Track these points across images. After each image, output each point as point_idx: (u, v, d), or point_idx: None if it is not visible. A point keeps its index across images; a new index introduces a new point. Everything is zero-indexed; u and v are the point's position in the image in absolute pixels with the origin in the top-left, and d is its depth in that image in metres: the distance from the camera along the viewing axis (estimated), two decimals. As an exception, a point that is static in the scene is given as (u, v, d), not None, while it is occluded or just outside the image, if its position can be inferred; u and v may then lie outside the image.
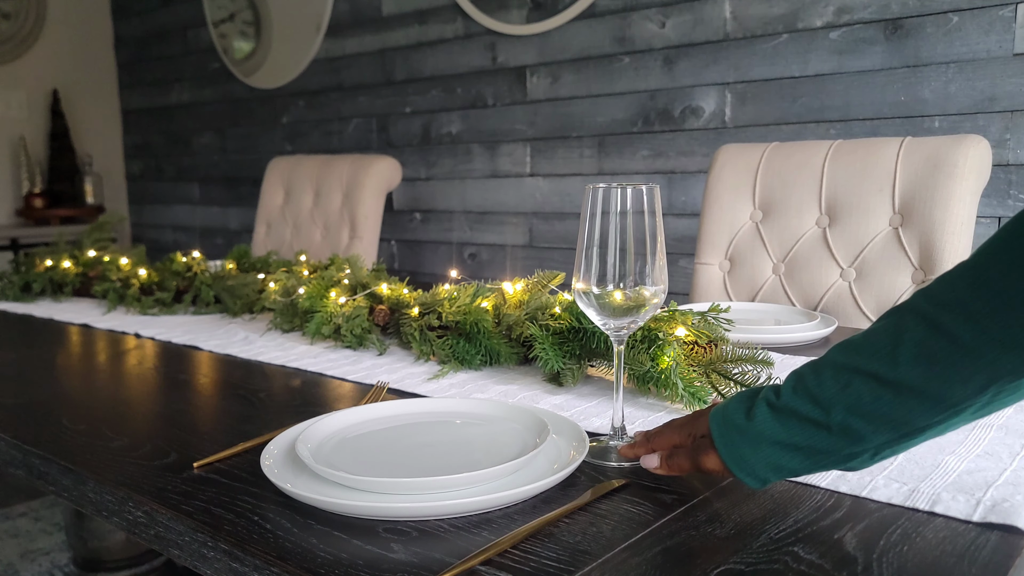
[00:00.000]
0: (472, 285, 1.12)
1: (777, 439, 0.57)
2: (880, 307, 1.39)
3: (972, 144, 1.35)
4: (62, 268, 1.69)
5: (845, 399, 0.54)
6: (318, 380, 1.01)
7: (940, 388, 0.51)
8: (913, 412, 0.52)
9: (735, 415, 0.59)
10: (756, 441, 0.58)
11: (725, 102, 2.04)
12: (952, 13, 1.70)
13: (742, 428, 0.59)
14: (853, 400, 0.54)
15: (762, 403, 0.58)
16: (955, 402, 0.51)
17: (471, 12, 2.49)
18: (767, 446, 0.57)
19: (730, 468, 0.59)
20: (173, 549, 0.62)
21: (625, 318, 0.70)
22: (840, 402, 0.54)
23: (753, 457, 0.58)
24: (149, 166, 3.88)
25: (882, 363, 0.53)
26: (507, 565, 0.52)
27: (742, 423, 0.59)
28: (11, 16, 3.60)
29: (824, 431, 0.55)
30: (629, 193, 0.67)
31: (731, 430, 0.59)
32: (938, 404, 0.52)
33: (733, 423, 0.59)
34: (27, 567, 1.91)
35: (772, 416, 0.57)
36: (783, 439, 0.57)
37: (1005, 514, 0.57)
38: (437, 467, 0.68)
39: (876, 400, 0.53)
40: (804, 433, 0.56)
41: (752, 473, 0.58)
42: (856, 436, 0.54)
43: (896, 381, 0.52)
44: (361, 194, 2.32)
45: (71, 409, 0.90)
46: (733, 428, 0.59)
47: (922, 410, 0.52)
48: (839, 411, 0.54)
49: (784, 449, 0.57)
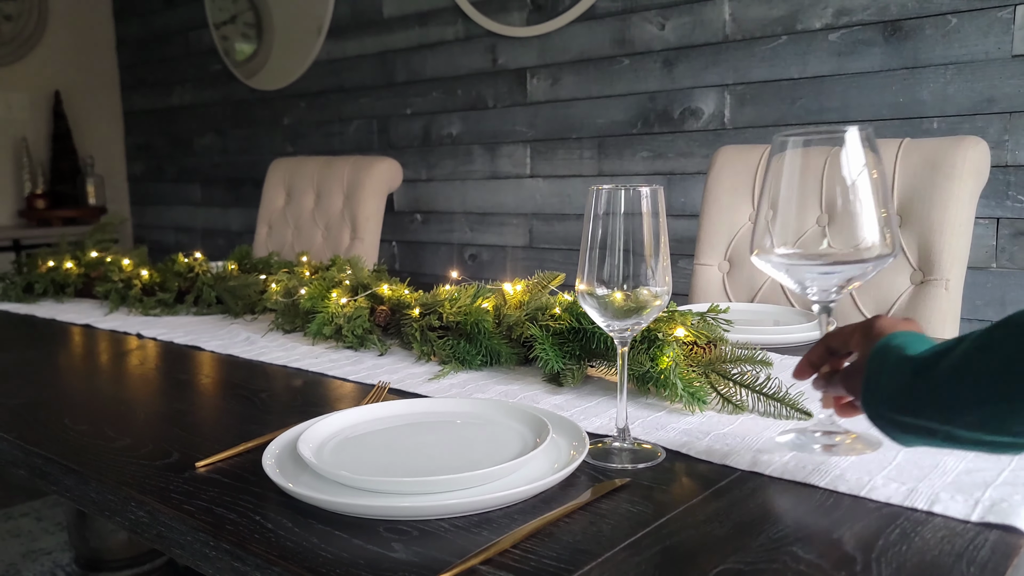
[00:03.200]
0: (472, 286, 1.12)
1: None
2: (878, 308, 1.40)
3: (970, 145, 1.36)
4: (64, 269, 1.70)
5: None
6: (319, 380, 1.01)
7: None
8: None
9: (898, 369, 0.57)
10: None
11: (724, 104, 2.05)
12: (951, 15, 1.70)
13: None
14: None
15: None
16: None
17: (471, 14, 2.49)
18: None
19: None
20: (175, 549, 0.63)
21: (628, 319, 0.70)
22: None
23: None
24: (151, 167, 3.88)
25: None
26: (507, 564, 0.53)
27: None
28: (13, 18, 3.60)
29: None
30: (633, 194, 0.68)
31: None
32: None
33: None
34: (29, 567, 1.92)
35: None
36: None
37: (1003, 514, 0.57)
38: (438, 467, 0.68)
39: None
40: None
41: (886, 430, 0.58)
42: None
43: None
44: (362, 195, 2.33)
45: (73, 409, 0.91)
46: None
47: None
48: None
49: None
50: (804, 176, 0.66)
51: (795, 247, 0.67)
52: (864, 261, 0.65)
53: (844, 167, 0.65)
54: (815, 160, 0.66)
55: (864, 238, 0.65)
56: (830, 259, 0.66)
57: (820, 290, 0.67)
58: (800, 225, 0.67)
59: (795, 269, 0.66)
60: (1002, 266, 1.70)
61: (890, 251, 0.65)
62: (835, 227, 0.65)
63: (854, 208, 0.64)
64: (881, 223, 0.65)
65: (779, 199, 0.67)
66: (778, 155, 0.67)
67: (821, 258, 0.66)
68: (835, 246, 0.65)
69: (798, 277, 0.67)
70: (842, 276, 0.66)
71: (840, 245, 0.66)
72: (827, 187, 0.65)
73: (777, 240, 0.67)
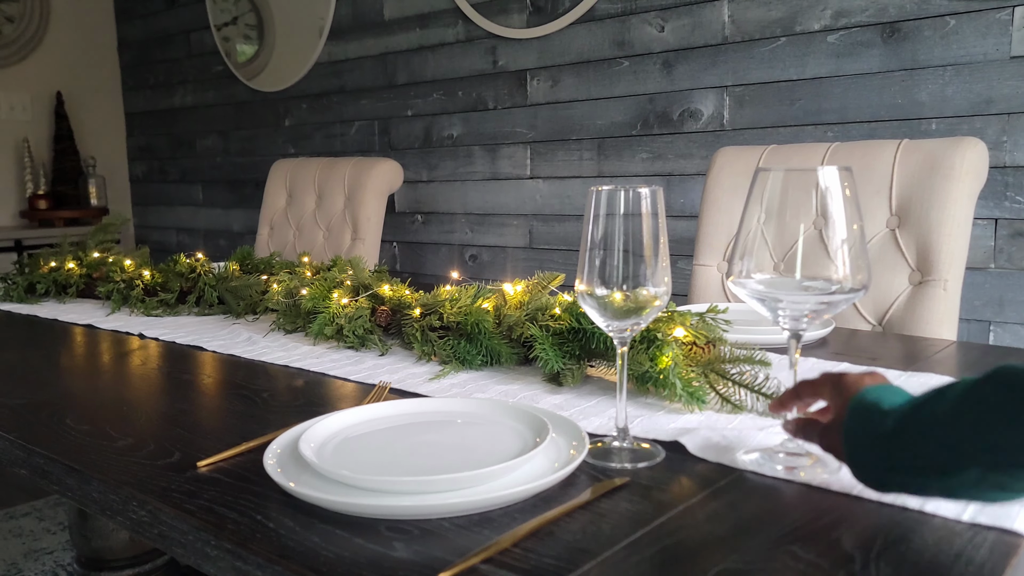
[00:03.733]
0: (473, 286, 1.12)
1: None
2: (877, 308, 1.40)
3: (969, 146, 1.36)
4: (66, 269, 1.70)
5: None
6: (321, 380, 1.02)
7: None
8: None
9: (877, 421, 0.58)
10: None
11: (723, 105, 2.05)
12: (949, 16, 1.70)
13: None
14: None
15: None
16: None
17: (472, 16, 2.50)
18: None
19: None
20: (176, 548, 0.63)
21: (628, 320, 0.70)
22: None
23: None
24: (153, 168, 3.89)
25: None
26: (508, 563, 0.53)
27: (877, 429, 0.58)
28: (15, 19, 3.61)
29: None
30: (632, 195, 0.68)
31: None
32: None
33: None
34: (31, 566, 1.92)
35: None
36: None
37: (995, 516, 0.58)
38: (438, 466, 0.68)
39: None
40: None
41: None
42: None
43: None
44: (363, 196, 2.33)
45: (75, 409, 0.91)
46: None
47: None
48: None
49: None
50: (782, 208, 0.67)
51: (770, 275, 0.69)
52: (834, 294, 0.67)
53: (820, 202, 0.66)
54: (793, 193, 0.67)
55: (836, 272, 0.66)
56: (802, 290, 0.67)
57: (791, 319, 0.69)
58: (776, 254, 0.68)
59: (768, 298, 0.68)
60: (1000, 267, 1.70)
61: (861, 286, 0.66)
62: (808, 259, 0.66)
63: (830, 243, 0.66)
64: (854, 258, 0.66)
65: (756, 228, 0.68)
66: (758, 185, 0.69)
67: (793, 288, 0.67)
68: (808, 277, 0.67)
69: (770, 305, 0.69)
70: (812, 307, 0.67)
71: (813, 277, 0.67)
72: (804, 219, 0.66)
73: (753, 267, 0.69)
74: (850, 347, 1.14)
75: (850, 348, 1.13)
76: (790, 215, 0.67)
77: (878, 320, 1.40)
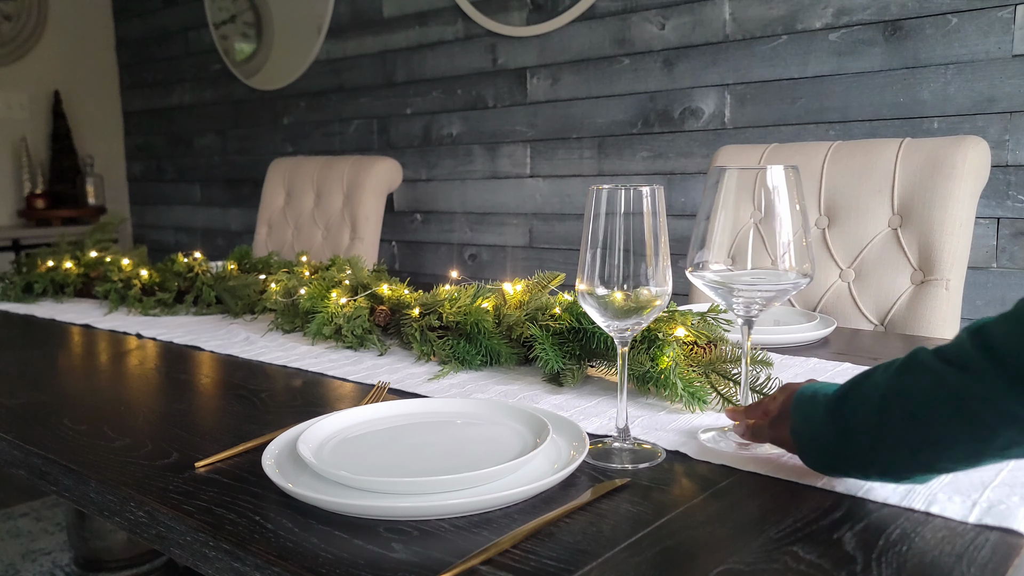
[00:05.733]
0: (472, 286, 1.12)
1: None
2: (879, 308, 1.40)
3: (971, 145, 1.36)
4: (64, 269, 1.69)
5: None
6: (319, 380, 1.01)
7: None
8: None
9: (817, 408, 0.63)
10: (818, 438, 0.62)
11: (724, 103, 2.05)
12: (951, 14, 1.70)
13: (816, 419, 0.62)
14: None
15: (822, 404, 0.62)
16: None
17: (471, 14, 2.49)
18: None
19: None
20: (174, 549, 0.62)
21: (629, 319, 0.70)
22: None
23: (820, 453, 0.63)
24: (150, 167, 3.88)
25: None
26: (507, 565, 0.52)
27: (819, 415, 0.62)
28: (13, 18, 3.60)
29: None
30: (633, 194, 0.68)
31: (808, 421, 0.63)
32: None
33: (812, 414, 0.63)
34: (28, 567, 1.92)
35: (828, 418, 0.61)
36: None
37: (1001, 516, 0.57)
38: (438, 467, 0.68)
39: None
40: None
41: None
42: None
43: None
44: (362, 195, 2.33)
45: (73, 409, 0.91)
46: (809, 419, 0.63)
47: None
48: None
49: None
50: (736, 204, 0.73)
51: (725, 266, 0.75)
52: (781, 283, 0.73)
53: (769, 198, 0.73)
54: (745, 190, 0.73)
55: (783, 263, 0.73)
56: (752, 280, 0.74)
57: (743, 306, 0.74)
58: (729, 247, 0.75)
59: (722, 288, 0.74)
60: (1002, 266, 1.70)
61: (806, 275, 0.73)
62: (758, 251, 0.73)
63: (778, 236, 0.73)
64: (799, 250, 0.73)
65: (714, 223, 0.74)
66: (714, 184, 0.74)
67: (745, 278, 0.74)
68: (758, 268, 0.74)
69: (723, 295, 0.75)
70: (762, 295, 0.73)
71: (762, 267, 0.74)
72: (754, 215, 0.73)
73: (710, 259, 0.75)
74: (852, 347, 1.14)
75: (852, 348, 1.13)
76: (742, 211, 0.73)
77: (880, 320, 1.40)
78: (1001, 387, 0.50)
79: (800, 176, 0.74)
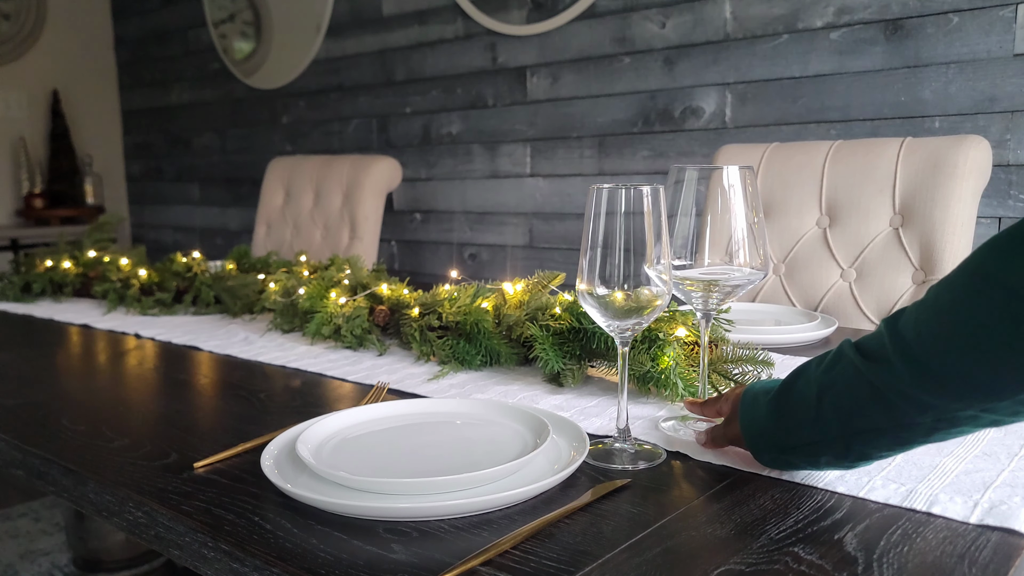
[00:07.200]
0: (472, 285, 1.12)
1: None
2: (880, 307, 1.39)
3: (972, 144, 1.35)
4: (62, 268, 1.69)
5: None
6: (318, 380, 1.01)
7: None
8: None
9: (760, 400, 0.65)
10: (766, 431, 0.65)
11: (725, 102, 2.04)
12: (952, 13, 1.70)
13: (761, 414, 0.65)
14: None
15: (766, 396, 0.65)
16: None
17: (471, 12, 2.49)
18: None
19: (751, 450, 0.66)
20: (173, 549, 0.62)
21: (629, 319, 0.70)
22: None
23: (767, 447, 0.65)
24: (149, 166, 3.88)
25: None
26: (507, 565, 0.52)
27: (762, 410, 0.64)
28: (11, 16, 3.60)
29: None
30: (634, 193, 0.67)
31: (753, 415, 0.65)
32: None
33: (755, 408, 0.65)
34: (27, 567, 1.91)
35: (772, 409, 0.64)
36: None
37: (1002, 517, 0.57)
38: (437, 467, 0.68)
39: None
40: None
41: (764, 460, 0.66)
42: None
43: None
44: (361, 194, 2.32)
45: (71, 410, 0.90)
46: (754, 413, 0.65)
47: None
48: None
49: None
50: (696, 202, 0.76)
51: (684, 262, 0.78)
52: (736, 278, 0.77)
53: (725, 196, 0.76)
54: (703, 189, 0.77)
55: (738, 258, 0.76)
56: (710, 275, 0.77)
57: (701, 300, 0.78)
58: (689, 244, 0.78)
59: (680, 283, 0.77)
60: (1003, 265, 1.69)
61: (760, 270, 0.77)
62: (715, 247, 0.77)
63: (733, 233, 0.76)
64: (752, 246, 0.76)
65: (674, 222, 0.77)
66: (674, 185, 0.77)
67: (703, 273, 0.77)
68: (715, 263, 0.77)
69: (682, 289, 0.78)
70: (719, 289, 0.77)
71: (719, 263, 0.77)
72: (712, 212, 0.77)
73: (673, 255, 0.76)
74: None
75: (852, 347, 1.13)
76: (700, 209, 0.76)
77: (881, 319, 1.39)
78: (908, 377, 0.52)
79: (755, 176, 0.78)
